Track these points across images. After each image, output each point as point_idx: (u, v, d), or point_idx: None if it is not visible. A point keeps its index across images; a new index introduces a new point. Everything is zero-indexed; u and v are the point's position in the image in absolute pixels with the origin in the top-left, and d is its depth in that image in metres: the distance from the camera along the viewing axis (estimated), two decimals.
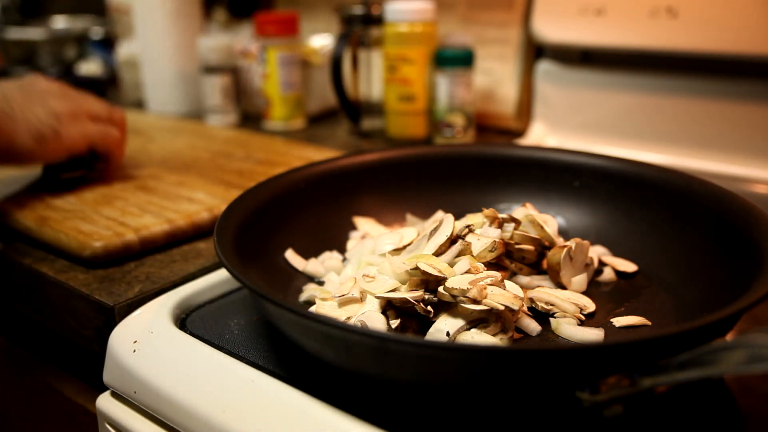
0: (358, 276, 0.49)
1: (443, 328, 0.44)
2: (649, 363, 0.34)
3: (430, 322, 0.45)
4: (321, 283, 0.54)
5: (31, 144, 0.66)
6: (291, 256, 0.56)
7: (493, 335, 0.44)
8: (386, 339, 0.37)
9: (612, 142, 0.90)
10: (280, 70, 1.03)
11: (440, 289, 0.45)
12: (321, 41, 1.12)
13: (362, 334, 0.37)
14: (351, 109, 1.00)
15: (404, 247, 0.52)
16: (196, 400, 0.43)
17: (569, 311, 0.48)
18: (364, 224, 0.61)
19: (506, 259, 0.53)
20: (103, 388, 0.51)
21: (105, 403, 0.50)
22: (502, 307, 0.44)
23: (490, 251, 0.49)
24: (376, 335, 0.37)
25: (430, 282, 0.46)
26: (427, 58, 0.92)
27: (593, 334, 0.46)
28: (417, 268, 0.46)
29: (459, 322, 0.44)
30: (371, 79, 1.01)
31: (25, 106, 0.67)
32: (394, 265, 0.48)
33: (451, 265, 0.48)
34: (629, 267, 0.55)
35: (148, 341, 0.49)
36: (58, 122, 0.68)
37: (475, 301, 0.44)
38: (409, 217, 0.61)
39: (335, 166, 0.62)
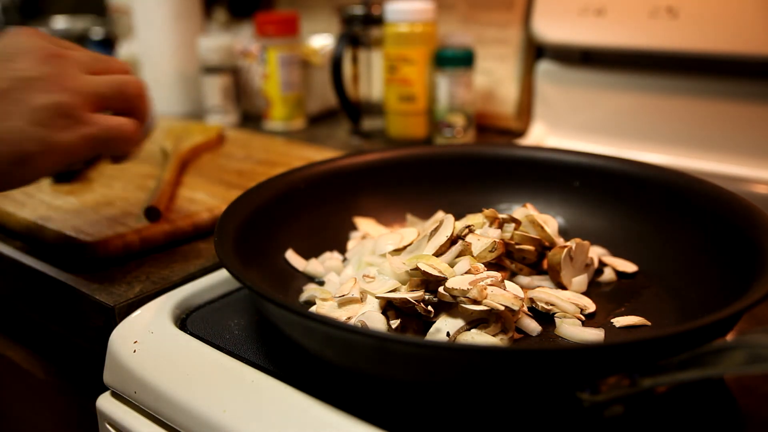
0: (359, 276, 0.49)
1: (443, 328, 0.44)
2: (649, 363, 0.34)
3: (430, 323, 0.45)
4: (321, 284, 0.54)
5: (8, 170, 0.47)
6: (291, 256, 0.56)
7: (494, 335, 0.44)
8: (386, 339, 0.37)
9: (612, 142, 0.90)
10: (280, 70, 1.03)
11: (440, 289, 0.45)
12: (321, 41, 1.12)
13: (362, 334, 0.37)
14: (351, 109, 1.00)
15: (404, 248, 0.52)
16: (196, 400, 0.43)
17: (569, 311, 0.48)
18: (365, 224, 0.61)
19: (506, 260, 0.53)
20: (103, 388, 0.51)
21: (105, 403, 0.50)
22: (503, 308, 0.44)
23: (491, 251, 0.49)
24: (376, 335, 0.37)
25: (430, 282, 0.46)
26: (428, 58, 0.92)
27: (593, 335, 0.46)
28: (417, 268, 0.46)
29: (459, 323, 0.44)
30: (371, 79, 1.00)
31: None
32: (394, 265, 0.48)
33: (452, 265, 0.48)
34: (629, 267, 0.55)
35: (148, 341, 0.49)
36: (48, 128, 0.47)
37: (476, 302, 0.44)
38: (409, 218, 0.61)
39: (335, 166, 0.62)
